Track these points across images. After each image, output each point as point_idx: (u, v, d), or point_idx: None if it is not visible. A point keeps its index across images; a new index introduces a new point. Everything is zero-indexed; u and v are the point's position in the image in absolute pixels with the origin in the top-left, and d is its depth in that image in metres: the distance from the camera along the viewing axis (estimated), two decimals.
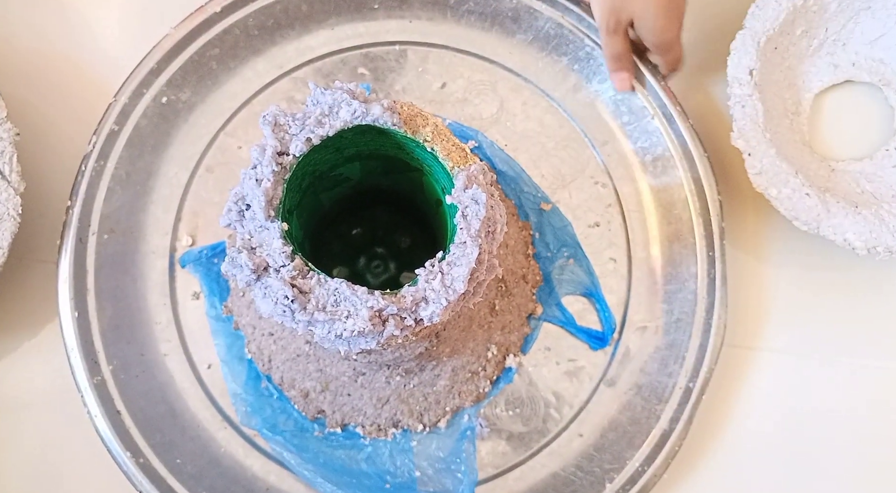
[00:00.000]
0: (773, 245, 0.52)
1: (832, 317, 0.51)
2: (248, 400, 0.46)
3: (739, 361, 0.50)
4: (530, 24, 0.51)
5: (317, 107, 0.36)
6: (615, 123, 0.52)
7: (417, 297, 0.34)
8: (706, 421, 0.48)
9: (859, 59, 0.53)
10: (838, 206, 0.47)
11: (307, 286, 0.34)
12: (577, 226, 0.50)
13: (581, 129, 0.52)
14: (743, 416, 0.49)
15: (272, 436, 0.45)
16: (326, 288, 0.34)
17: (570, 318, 0.49)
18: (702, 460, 0.48)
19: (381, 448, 0.46)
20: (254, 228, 0.35)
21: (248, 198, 0.35)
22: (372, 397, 0.46)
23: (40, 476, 0.46)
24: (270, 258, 0.34)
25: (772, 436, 0.49)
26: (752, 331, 0.50)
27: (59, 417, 0.46)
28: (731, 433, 0.49)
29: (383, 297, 0.34)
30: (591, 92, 0.52)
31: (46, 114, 0.48)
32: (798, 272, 0.51)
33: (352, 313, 0.34)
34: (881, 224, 0.47)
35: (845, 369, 0.50)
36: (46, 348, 0.46)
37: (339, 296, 0.34)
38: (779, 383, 0.50)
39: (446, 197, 0.36)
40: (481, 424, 0.46)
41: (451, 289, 0.34)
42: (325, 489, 0.44)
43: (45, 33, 0.52)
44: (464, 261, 0.34)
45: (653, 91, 0.50)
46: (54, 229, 0.47)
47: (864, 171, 0.51)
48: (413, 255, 0.51)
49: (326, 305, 0.34)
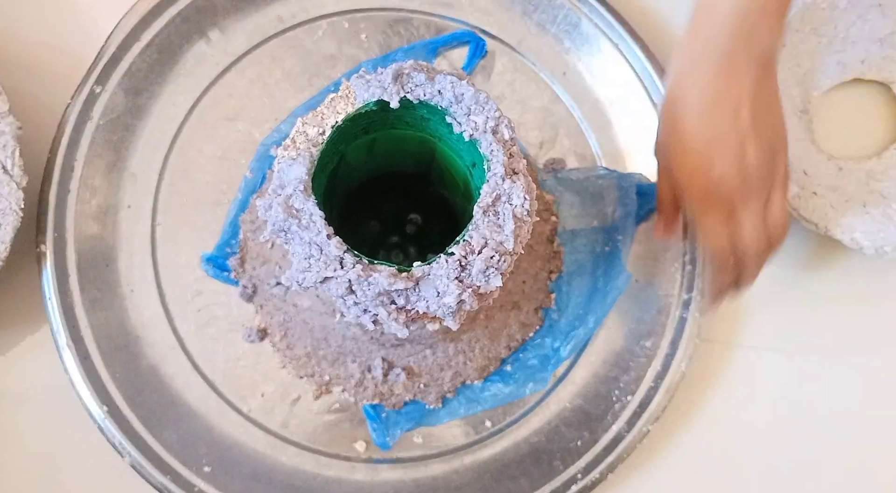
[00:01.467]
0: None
1: (835, 317, 0.51)
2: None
3: (734, 357, 0.50)
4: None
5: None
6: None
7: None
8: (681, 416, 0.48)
9: (868, 57, 0.52)
10: (846, 205, 0.47)
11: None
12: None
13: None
14: (722, 413, 0.49)
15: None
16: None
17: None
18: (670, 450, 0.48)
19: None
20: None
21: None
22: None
23: (42, 473, 0.46)
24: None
25: (756, 434, 0.49)
26: (754, 330, 0.50)
27: (63, 412, 0.46)
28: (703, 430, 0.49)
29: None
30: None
31: (49, 108, 0.48)
32: (803, 273, 0.51)
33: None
34: (889, 223, 0.47)
35: (845, 369, 0.50)
36: (49, 343, 0.46)
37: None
38: (778, 382, 0.50)
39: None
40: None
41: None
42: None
43: (49, 27, 0.51)
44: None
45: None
46: None
47: (872, 169, 0.51)
48: (426, 235, 0.50)
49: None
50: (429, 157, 0.43)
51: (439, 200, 0.48)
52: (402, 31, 0.51)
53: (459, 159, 0.40)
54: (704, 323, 0.48)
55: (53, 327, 0.44)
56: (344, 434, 0.46)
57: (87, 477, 0.46)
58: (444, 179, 0.45)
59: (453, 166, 0.42)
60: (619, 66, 0.51)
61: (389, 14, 0.51)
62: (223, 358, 0.47)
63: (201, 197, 0.48)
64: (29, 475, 0.46)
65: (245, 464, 0.45)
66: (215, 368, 0.46)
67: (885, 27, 0.51)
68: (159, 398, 0.45)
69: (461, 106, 0.36)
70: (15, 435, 0.46)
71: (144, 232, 0.47)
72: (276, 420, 0.46)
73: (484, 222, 0.34)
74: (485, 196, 0.34)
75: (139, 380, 0.45)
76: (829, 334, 0.50)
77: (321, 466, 0.45)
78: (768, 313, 0.50)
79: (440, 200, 0.48)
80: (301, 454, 0.45)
